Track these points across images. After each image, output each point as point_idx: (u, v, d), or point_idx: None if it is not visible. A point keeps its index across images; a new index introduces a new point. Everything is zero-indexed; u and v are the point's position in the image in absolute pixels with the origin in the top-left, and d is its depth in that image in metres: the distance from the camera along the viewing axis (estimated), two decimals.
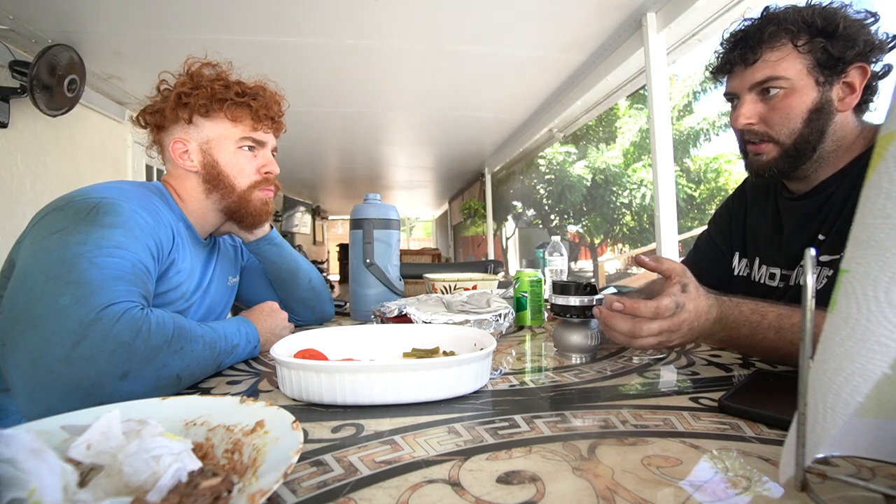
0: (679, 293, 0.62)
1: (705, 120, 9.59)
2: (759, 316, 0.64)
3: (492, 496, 0.33)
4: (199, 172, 0.86)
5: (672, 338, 0.62)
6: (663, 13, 1.96)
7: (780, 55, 0.76)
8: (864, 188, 0.28)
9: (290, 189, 7.67)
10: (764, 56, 0.77)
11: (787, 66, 0.76)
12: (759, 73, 0.78)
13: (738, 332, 0.65)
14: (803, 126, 0.77)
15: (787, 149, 0.78)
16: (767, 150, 0.80)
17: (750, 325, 0.64)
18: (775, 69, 0.76)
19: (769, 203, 0.92)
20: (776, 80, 0.76)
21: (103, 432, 0.31)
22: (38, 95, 2.08)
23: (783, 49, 0.76)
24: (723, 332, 0.65)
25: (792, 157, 0.78)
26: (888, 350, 0.26)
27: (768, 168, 0.81)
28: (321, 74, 2.74)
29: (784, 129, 0.78)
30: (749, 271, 0.94)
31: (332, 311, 1.15)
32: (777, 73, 0.76)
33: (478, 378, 0.56)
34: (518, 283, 1.02)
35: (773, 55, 0.76)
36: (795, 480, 0.30)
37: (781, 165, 0.80)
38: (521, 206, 10.20)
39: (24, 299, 0.56)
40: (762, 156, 0.81)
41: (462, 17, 2.12)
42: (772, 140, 0.79)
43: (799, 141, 0.77)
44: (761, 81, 0.78)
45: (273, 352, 0.56)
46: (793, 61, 0.75)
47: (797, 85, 0.76)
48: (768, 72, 0.77)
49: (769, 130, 0.79)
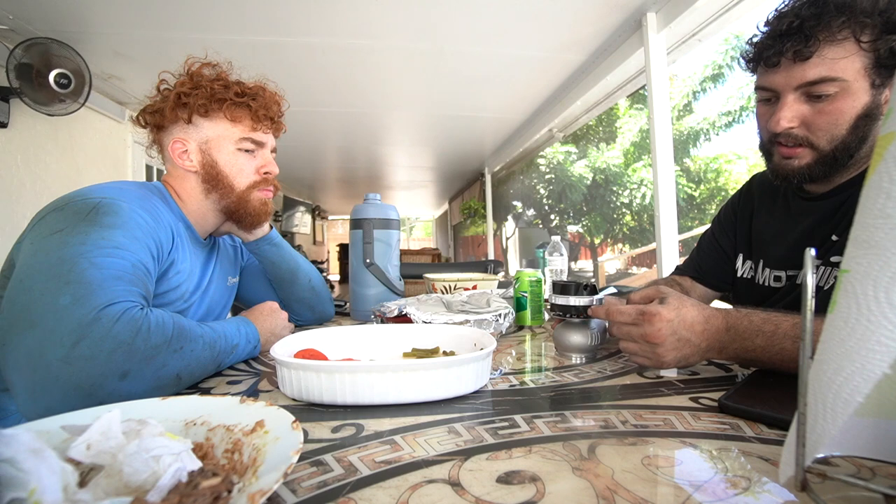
0: (654, 305, 0.61)
1: (705, 120, 9.58)
2: (773, 325, 0.58)
3: (492, 496, 0.33)
4: (199, 172, 0.86)
5: (659, 351, 0.59)
6: (663, 13, 1.96)
7: (840, 52, 0.64)
8: (864, 188, 0.28)
9: (290, 189, 7.67)
10: (821, 51, 0.65)
11: (846, 66, 0.65)
12: (811, 71, 0.66)
13: (753, 342, 0.59)
14: (847, 133, 0.68)
15: (824, 155, 0.70)
16: (802, 154, 0.71)
17: (764, 335, 0.58)
18: (833, 69, 0.65)
19: (778, 203, 0.88)
20: (831, 81, 0.66)
21: (103, 432, 0.31)
22: (24, 90, 2.06)
23: (845, 45, 0.64)
24: (735, 344, 0.60)
25: (828, 165, 0.70)
26: (888, 350, 0.26)
27: (799, 174, 0.72)
28: (321, 74, 2.74)
29: (826, 136, 0.69)
30: (753, 274, 0.91)
31: (332, 311, 1.15)
32: (834, 74, 0.65)
33: (478, 378, 0.56)
34: (518, 283, 1.02)
35: (832, 51, 0.65)
36: (795, 480, 0.30)
37: (815, 172, 0.71)
38: (521, 206, 10.20)
39: (24, 299, 0.56)
40: (794, 160, 0.72)
41: (462, 16, 2.12)
42: (809, 145, 0.70)
43: (839, 148, 0.69)
44: (813, 81, 0.67)
45: (273, 352, 0.56)
46: (853, 60, 0.64)
47: (852, 88, 0.65)
48: (824, 71, 0.65)
49: (810, 136, 0.70)
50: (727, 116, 9.37)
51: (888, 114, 0.27)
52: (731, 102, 9.39)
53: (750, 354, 0.60)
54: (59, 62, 2.14)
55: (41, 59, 2.10)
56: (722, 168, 10.23)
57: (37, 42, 2.08)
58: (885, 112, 0.27)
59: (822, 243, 0.75)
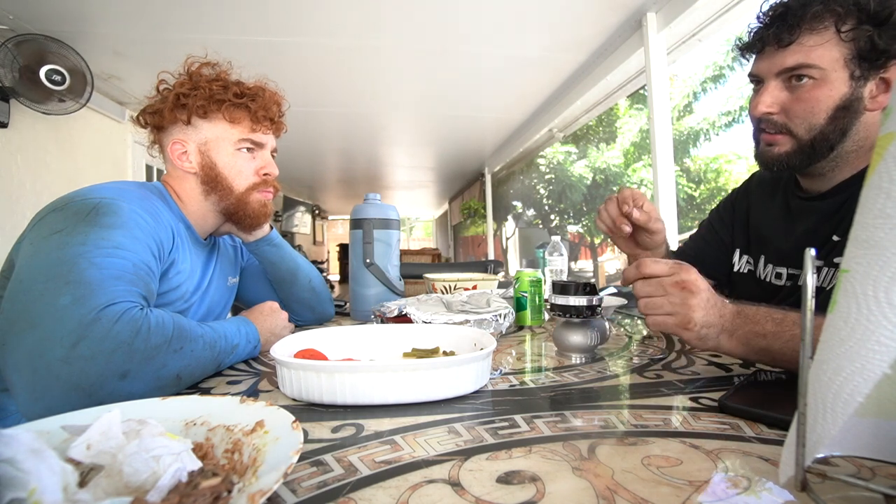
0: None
1: (705, 120, 9.59)
2: (781, 314, 0.58)
3: (492, 496, 0.33)
4: (198, 174, 0.86)
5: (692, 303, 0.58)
6: (663, 13, 1.96)
7: (818, 40, 0.67)
8: (864, 188, 0.28)
9: (290, 189, 7.67)
10: (801, 39, 0.68)
11: (823, 54, 0.67)
12: (790, 57, 0.69)
13: (763, 327, 0.58)
14: (825, 123, 0.69)
15: (802, 144, 0.72)
16: (781, 142, 0.74)
17: (774, 321, 0.58)
18: (809, 56, 0.68)
19: (776, 201, 0.88)
20: (808, 68, 0.68)
21: (103, 432, 0.31)
22: (17, 88, 2.05)
23: (824, 33, 0.67)
24: (746, 327, 0.59)
25: (806, 154, 0.72)
26: (888, 350, 0.26)
27: (778, 161, 0.75)
28: (321, 74, 2.74)
29: (804, 124, 0.71)
30: (752, 269, 0.91)
31: (332, 312, 1.15)
32: (810, 61, 0.68)
33: (478, 378, 0.56)
34: (518, 283, 1.02)
35: (811, 39, 0.67)
36: (795, 480, 0.30)
37: (793, 161, 0.74)
38: (521, 206, 10.21)
39: (24, 299, 0.56)
40: (774, 147, 0.75)
41: (462, 17, 2.12)
42: (788, 132, 0.73)
43: (818, 138, 0.71)
44: (792, 67, 0.69)
45: (273, 352, 0.56)
46: (830, 49, 0.67)
47: (829, 77, 0.68)
48: (801, 58, 0.68)
49: (788, 122, 0.72)
50: (727, 116, 9.38)
51: (888, 114, 0.27)
52: (730, 102, 9.39)
53: (760, 341, 0.59)
54: (53, 59, 2.12)
55: (33, 57, 2.09)
56: (722, 168, 10.23)
57: (28, 39, 2.07)
58: (884, 112, 0.27)
59: (823, 244, 0.75)
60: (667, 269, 0.61)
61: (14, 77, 2.07)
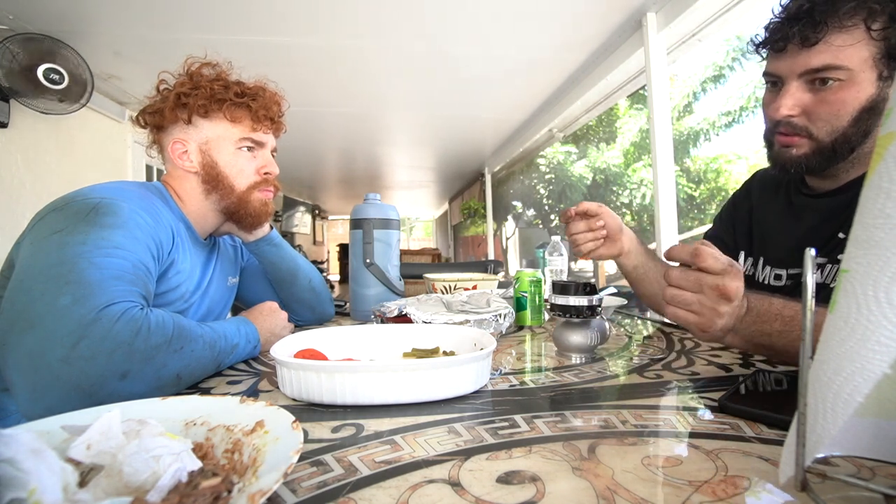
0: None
1: (705, 120, 9.60)
2: (793, 311, 0.56)
3: (492, 496, 0.33)
4: (199, 173, 0.86)
5: (723, 310, 0.54)
6: (663, 13, 1.96)
7: (848, 39, 0.62)
8: (864, 188, 0.28)
9: (290, 189, 7.67)
10: (829, 37, 0.63)
11: (853, 54, 0.62)
12: (817, 58, 0.64)
13: (771, 326, 0.57)
14: (849, 125, 0.66)
15: (822, 146, 0.68)
16: (799, 143, 0.70)
17: (783, 319, 0.56)
18: (837, 56, 0.63)
19: (778, 199, 0.86)
20: (835, 69, 0.63)
21: (103, 432, 0.31)
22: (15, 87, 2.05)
23: (853, 32, 0.62)
24: (754, 326, 0.58)
25: (825, 157, 0.69)
26: (888, 350, 0.26)
27: (797, 163, 0.71)
28: (321, 74, 2.74)
29: (826, 126, 0.67)
30: (753, 271, 0.90)
31: (332, 312, 1.15)
32: (838, 62, 0.63)
33: (478, 378, 0.56)
34: (518, 283, 1.02)
35: (840, 38, 0.62)
36: (795, 480, 0.30)
37: (812, 163, 0.70)
38: (521, 206, 10.21)
39: (24, 300, 0.56)
40: (792, 149, 0.71)
41: (462, 17, 2.12)
42: (808, 135, 0.69)
43: (839, 140, 0.67)
44: (817, 69, 0.65)
45: (273, 352, 0.56)
46: (860, 49, 0.62)
47: (857, 78, 0.63)
48: (829, 59, 0.64)
49: (809, 125, 0.68)
50: (727, 116, 9.39)
51: (888, 114, 0.27)
52: (731, 102, 9.40)
53: (765, 339, 0.58)
54: (53, 59, 2.12)
55: (33, 57, 2.09)
56: (722, 168, 10.24)
57: (28, 38, 2.07)
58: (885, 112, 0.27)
59: (827, 241, 0.73)
60: (719, 268, 0.55)
61: (14, 77, 2.07)
